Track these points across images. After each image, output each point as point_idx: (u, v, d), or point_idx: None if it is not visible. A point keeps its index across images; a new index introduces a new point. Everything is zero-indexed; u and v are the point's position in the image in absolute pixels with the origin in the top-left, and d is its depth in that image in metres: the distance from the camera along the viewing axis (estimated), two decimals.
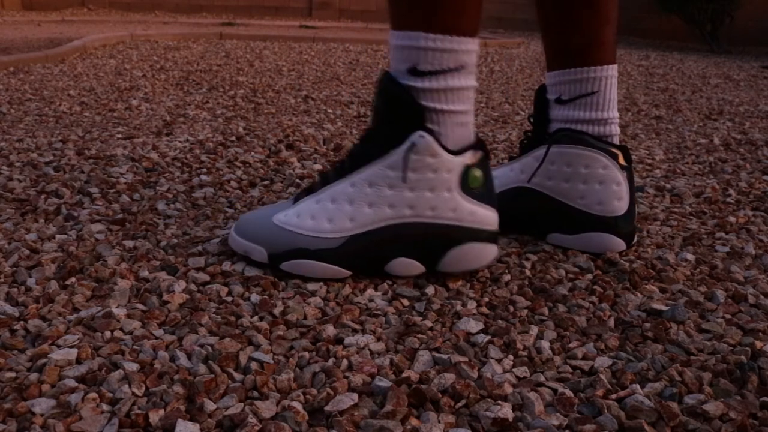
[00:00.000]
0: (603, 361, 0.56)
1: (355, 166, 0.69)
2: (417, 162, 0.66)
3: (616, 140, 0.82)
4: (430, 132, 0.66)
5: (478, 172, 0.69)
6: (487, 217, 0.70)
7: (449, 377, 0.52)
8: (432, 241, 0.68)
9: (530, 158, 0.84)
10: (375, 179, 0.68)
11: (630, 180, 0.81)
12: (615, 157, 0.80)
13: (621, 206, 0.80)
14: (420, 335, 0.60)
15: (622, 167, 0.80)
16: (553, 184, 0.82)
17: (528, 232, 0.86)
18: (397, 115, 0.67)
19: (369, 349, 0.57)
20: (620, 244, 0.80)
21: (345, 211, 0.68)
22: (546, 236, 0.84)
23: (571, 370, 0.55)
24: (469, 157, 0.68)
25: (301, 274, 0.69)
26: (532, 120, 0.86)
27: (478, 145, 0.69)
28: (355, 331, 0.60)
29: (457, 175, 0.68)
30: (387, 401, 0.49)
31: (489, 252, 0.70)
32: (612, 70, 0.80)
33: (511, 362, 0.56)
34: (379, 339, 0.59)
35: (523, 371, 0.54)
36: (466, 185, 0.68)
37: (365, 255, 0.69)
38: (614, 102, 0.82)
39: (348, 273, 0.69)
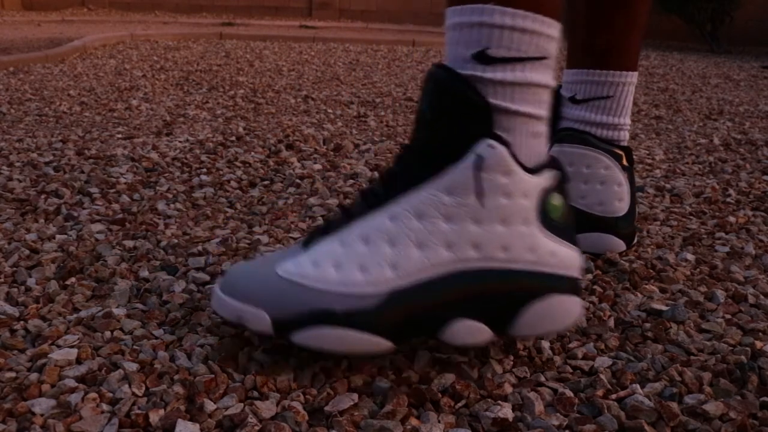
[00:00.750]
0: (603, 361, 0.56)
1: (393, 192, 0.51)
2: (486, 182, 0.49)
3: (623, 145, 0.82)
4: (501, 141, 0.49)
5: (558, 200, 0.52)
6: (571, 259, 0.52)
7: (449, 377, 0.52)
8: (504, 294, 0.51)
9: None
10: (425, 209, 0.49)
11: (631, 181, 0.81)
12: (618, 158, 0.80)
13: (622, 207, 0.80)
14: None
15: (624, 168, 0.80)
16: None
17: None
18: (455, 119, 0.49)
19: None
20: (620, 244, 0.80)
21: (384, 255, 0.49)
22: None
23: (571, 370, 0.55)
24: (547, 179, 0.51)
25: (323, 348, 0.50)
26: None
27: (554, 163, 0.52)
28: None
29: (535, 202, 0.50)
30: (387, 401, 0.49)
31: (574, 307, 0.52)
32: (632, 77, 0.80)
33: (512, 362, 0.56)
34: None
35: (523, 371, 0.54)
36: (545, 216, 0.51)
37: (413, 317, 0.50)
38: (628, 109, 0.81)
39: (391, 345, 0.50)
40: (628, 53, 0.79)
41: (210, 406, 0.48)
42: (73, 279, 0.68)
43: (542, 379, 0.54)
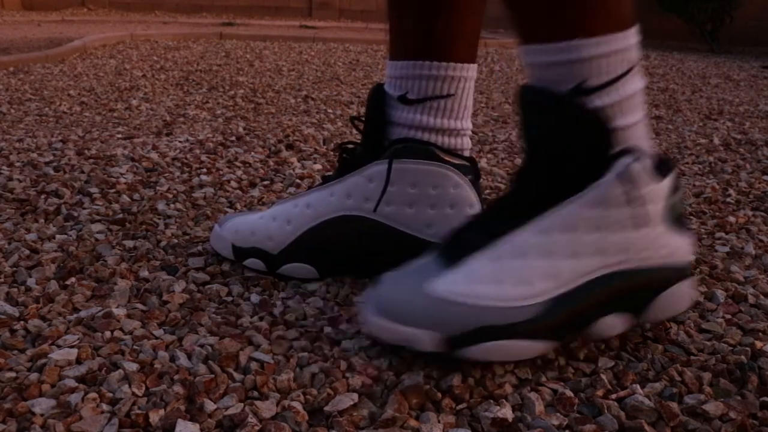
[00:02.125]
0: (604, 362, 0.56)
1: (534, 209, 0.54)
2: (630, 193, 0.52)
3: (466, 155, 0.69)
4: (637, 154, 0.52)
5: (679, 196, 0.56)
6: (688, 246, 0.57)
7: (450, 378, 0.52)
8: (643, 287, 0.55)
9: (359, 178, 0.67)
10: (572, 222, 0.52)
11: (481, 200, 0.69)
12: (466, 171, 0.67)
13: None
14: None
15: (473, 184, 0.68)
16: (392, 210, 0.66)
17: (360, 274, 0.70)
18: (581, 144, 0.52)
19: (367, 355, 0.57)
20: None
21: (538, 268, 0.52)
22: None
23: (571, 371, 0.55)
24: (672, 179, 0.54)
25: (493, 359, 0.53)
26: (360, 124, 0.70)
27: (667, 159, 0.55)
28: (357, 333, 0.60)
29: (664, 203, 0.54)
30: (387, 402, 0.49)
31: (690, 289, 0.57)
32: (473, 71, 0.67)
33: (512, 362, 0.56)
34: (376, 343, 0.59)
35: (524, 372, 0.54)
36: (671, 214, 0.55)
37: (570, 320, 0.53)
38: (469, 110, 0.68)
39: (551, 345, 0.53)
40: (470, 42, 0.66)
41: (210, 406, 0.48)
42: (73, 279, 0.68)
43: (542, 379, 0.54)
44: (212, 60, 2.82)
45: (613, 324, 0.55)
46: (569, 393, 0.51)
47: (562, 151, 0.53)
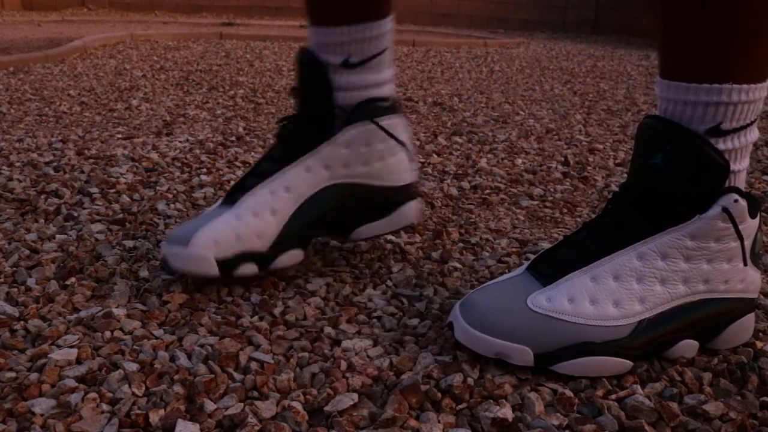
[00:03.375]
0: None
1: (633, 235, 0.56)
2: (726, 230, 0.55)
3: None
4: (741, 195, 0.55)
5: (761, 235, 0.59)
6: (759, 282, 0.60)
7: (450, 378, 0.52)
8: (718, 317, 0.58)
9: (334, 146, 0.67)
10: (669, 251, 0.55)
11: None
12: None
13: (413, 167, 0.73)
14: (420, 338, 0.60)
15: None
16: (349, 171, 0.69)
17: (335, 233, 0.73)
18: (698, 178, 0.55)
19: (367, 355, 0.57)
20: (419, 208, 0.74)
21: (633, 291, 0.56)
22: (351, 234, 0.71)
23: None
24: (758, 219, 0.58)
25: (584, 374, 0.54)
26: (298, 95, 0.69)
27: (757, 199, 0.58)
28: (357, 333, 0.60)
29: (751, 241, 0.57)
30: (387, 402, 0.49)
31: (753, 321, 0.60)
32: (392, 21, 0.70)
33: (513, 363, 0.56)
34: (376, 343, 0.59)
35: (523, 372, 0.54)
36: (753, 251, 0.58)
37: (654, 341, 0.56)
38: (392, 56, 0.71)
39: (632, 365, 0.56)
40: None
41: (210, 406, 0.48)
42: (73, 279, 0.68)
43: (542, 379, 0.54)
44: (212, 60, 2.82)
45: (687, 348, 0.57)
46: (569, 393, 0.51)
47: (680, 184, 0.55)
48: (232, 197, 0.67)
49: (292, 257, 0.66)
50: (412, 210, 0.73)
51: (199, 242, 0.62)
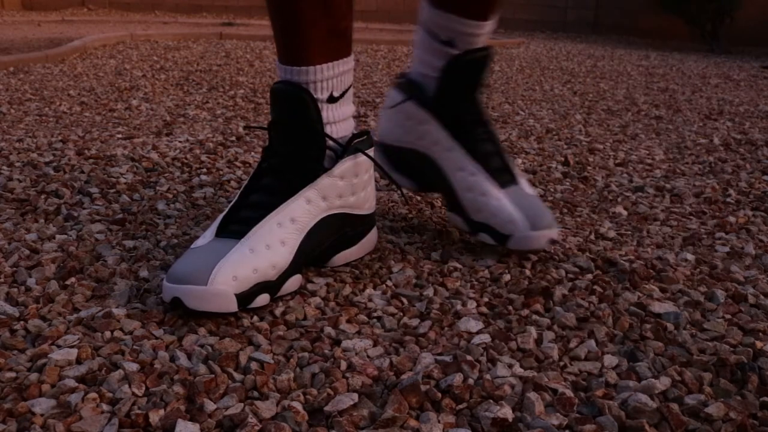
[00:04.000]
0: (603, 361, 0.56)
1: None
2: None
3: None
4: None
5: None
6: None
7: (450, 378, 0.52)
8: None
9: (330, 179, 0.71)
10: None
11: None
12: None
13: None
14: (420, 338, 0.60)
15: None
16: (342, 201, 0.75)
17: (316, 261, 0.75)
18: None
19: (367, 355, 0.57)
20: (377, 233, 0.80)
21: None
22: (327, 262, 0.74)
23: (571, 371, 0.55)
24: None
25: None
26: (282, 129, 0.70)
27: None
28: (357, 333, 0.60)
29: None
30: (387, 402, 0.49)
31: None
32: None
33: (512, 362, 0.56)
34: (376, 344, 0.59)
35: (523, 372, 0.54)
36: None
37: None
38: None
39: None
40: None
41: (210, 406, 0.48)
42: (73, 279, 0.68)
43: (542, 379, 0.54)
44: (212, 60, 2.82)
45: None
46: (569, 393, 0.51)
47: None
48: (227, 228, 0.67)
49: (294, 282, 0.67)
50: (374, 235, 0.78)
51: (218, 279, 0.61)
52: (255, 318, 0.62)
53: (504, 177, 0.78)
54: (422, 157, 0.82)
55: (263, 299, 0.63)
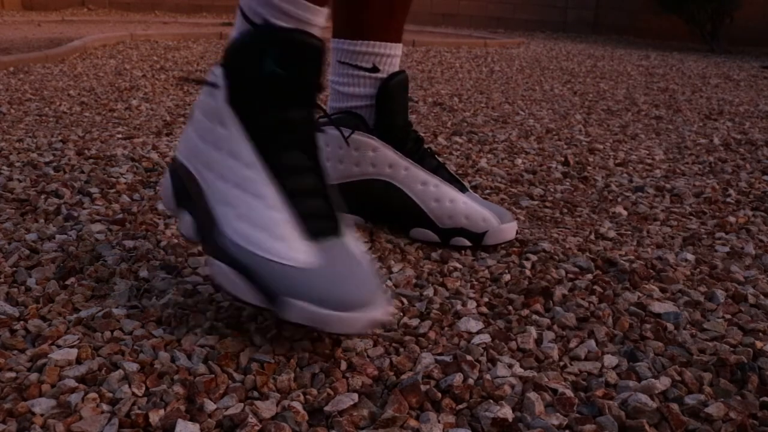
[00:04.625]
0: (603, 361, 0.56)
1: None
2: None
3: None
4: None
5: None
6: None
7: (450, 378, 0.52)
8: None
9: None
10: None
11: None
12: None
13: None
14: (420, 338, 0.60)
15: None
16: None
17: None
18: None
19: (367, 355, 0.57)
20: None
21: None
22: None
23: (571, 371, 0.55)
24: None
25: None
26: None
27: None
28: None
29: None
30: (387, 402, 0.49)
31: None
32: None
33: (512, 362, 0.56)
34: (376, 344, 0.59)
35: (523, 372, 0.54)
36: None
37: None
38: None
39: None
40: None
41: (210, 406, 0.48)
42: (73, 279, 0.68)
43: (542, 379, 0.54)
44: (212, 60, 2.82)
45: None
46: (569, 393, 0.51)
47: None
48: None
49: None
50: None
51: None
52: (257, 318, 0.62)
53: (458, 185, 0.84)
54: (373, 184, 0.83)
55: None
